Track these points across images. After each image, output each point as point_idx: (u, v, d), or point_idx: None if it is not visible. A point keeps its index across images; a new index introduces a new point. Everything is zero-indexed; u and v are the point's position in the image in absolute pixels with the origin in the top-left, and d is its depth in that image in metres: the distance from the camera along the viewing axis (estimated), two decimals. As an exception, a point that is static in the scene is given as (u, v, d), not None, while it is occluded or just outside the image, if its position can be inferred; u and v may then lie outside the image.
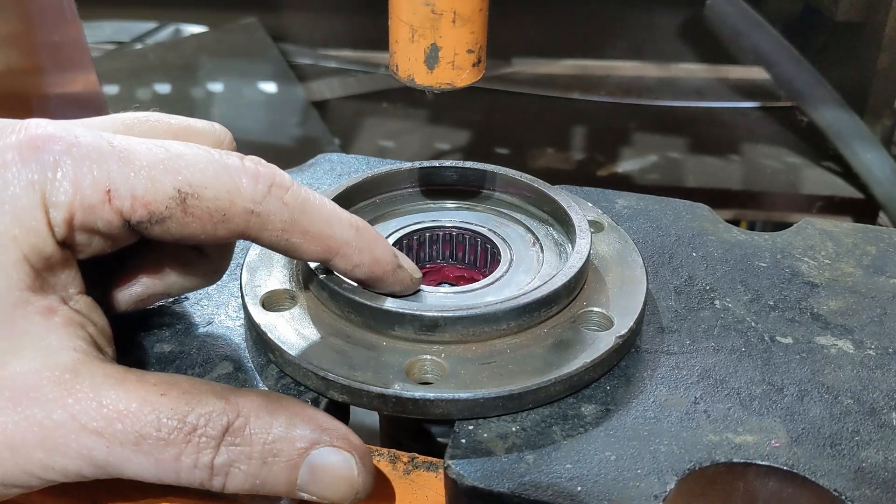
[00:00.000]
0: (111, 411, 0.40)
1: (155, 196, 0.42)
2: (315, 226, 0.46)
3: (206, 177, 0.43)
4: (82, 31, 0.96)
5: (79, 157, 0.41)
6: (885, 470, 0.46)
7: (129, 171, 0.42)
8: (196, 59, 1.76)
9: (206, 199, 0.43)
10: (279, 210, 0.44)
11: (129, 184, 0.42)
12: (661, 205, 0.70)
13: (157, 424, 0.41)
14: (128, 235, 0.44)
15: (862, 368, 0.53)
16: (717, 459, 0.46)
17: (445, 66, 0.50)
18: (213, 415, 0.42)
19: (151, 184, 0.42)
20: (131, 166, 0.42)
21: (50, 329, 0.41)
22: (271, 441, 0.42)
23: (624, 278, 0.57)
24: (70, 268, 0.43)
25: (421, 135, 1.62)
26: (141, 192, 0.42)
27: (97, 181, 0.41)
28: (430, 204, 0.65)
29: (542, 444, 0.47)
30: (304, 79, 1.71)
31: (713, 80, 1.73)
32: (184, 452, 0.41)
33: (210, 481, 0.42)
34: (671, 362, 0.53)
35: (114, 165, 0.41)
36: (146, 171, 0.42)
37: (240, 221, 0.44)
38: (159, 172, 0.42)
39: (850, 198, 1.44)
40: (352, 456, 0.44)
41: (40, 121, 0.43)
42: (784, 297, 0.60)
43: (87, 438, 0.40)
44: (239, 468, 0.42)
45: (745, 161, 1.54)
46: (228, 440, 0.42)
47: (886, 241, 0.66)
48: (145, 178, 0.42)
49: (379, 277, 0.50)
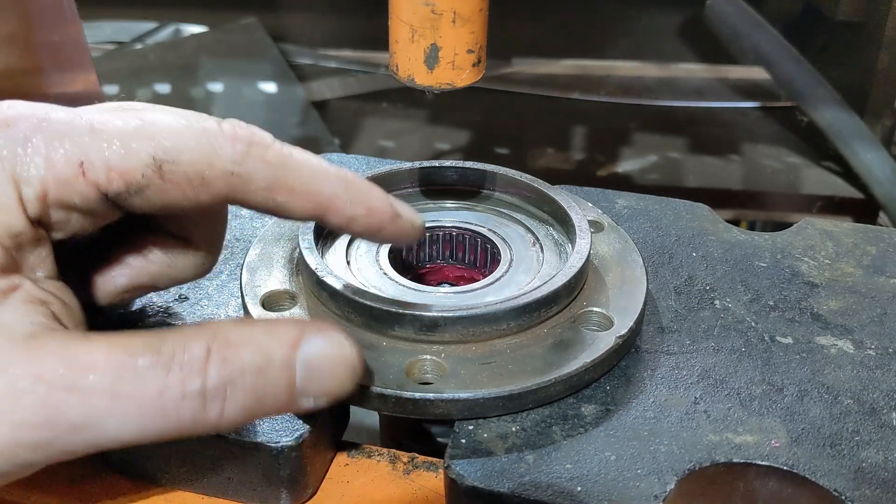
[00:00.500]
0: (80, 363, 0.37)
1: (130, 165, 0.41)
2: (300, 182, 0.44)
3: (182, 141, 0.42)
4: (82, 31, 0.96)
5: (49, 132, 0.40)
6: (885, 470, 0.46)
7: (102, 142, 0.40)
8: (196, 59, 1.76)
9: (183, 163, 0.41)
10: (261, 169, 0.43)
11: (102, 155, 0.40)
12: (661, 205, 0.70)
13: (130, 363, 0.37)
14: (107, 210, 0.42)
15: (862, 368, 0.53)
16: (717, 459, 0.46)
17: (445, 66, 0.50)
18: (189, 339, 0.39)
19: (126, 153, 0.41)
20: (103, 136, 0.41)
21: (7, 305, 0.39)
22: (260, 345, 0.39)
23: (624, 278, 0.57)
24: (41, 247, 0.42)
25: (421, 135, 1.62)
26: (116, 162, 0.40)
27: (69, 155, 0.40)
28: (430, 204, 0.65)
29: (542, 444, 0.47)
30: (304, 79, 1.71)
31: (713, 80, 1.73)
32: (167, 385, 0.37)
33: (205, 412, 0.38)
34: (671, 362, 0.53)
35: (86, 138, 0.40)
36: (119, 141, 0.41)
37: (221, 184, 0.42)
38: (133, 141, 0.41)
39: (850, 198, 1.44)
40: (339, 334, 0.42)
41: (12, 101, 0.42)
42: (784, 297, 0.60)
43: (58, 398, 0.36)
44: (235, 386, 0.39)
45: (745, 161, 1.54)
46: (215, 357, 0.38)
47: (886, 241, 0.66)
48: (119, 147, 0.41)
49: (377, 228, 0.47)
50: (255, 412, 0.40)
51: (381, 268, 0.58)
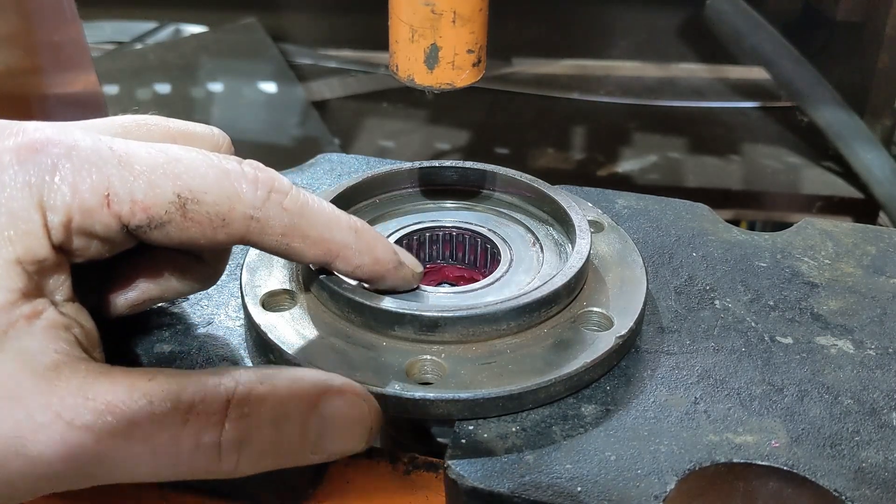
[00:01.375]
0: (98, 404, 0.38)
1: (154, 200, 0.41)
2: (315, 230, 0.46)
3: (206, 182, 0.43)
4: (82, 31, 0.96)
5: (78, 161, 0.41)
6: (885, 470, 0.46)
7: (129, 175, 0.41)
8: (196, 59, 1.76)
9: (206, 203, 0.42)
10: (279, 215, 0.44)
11: (128, 188, 0.41)
12: (661, 205, 0.70)
13: (149, 409, 0.38)
14: (126, 240, 0.43)
15: (862, 368, 0.53)
16: (717, 459, 0.46)
17: (445, 66, 0.50)
18: (209, 390, 0.39)
19: (151, 188, 0.41)
20: (130, 170, 0.41)
21: (32, 332, 0.40)
22: (280, 402, 0.40)
23: (624, 278, 0.57)
24: (62, 272, 0.42)
25: (421, 135, 1.62)
26: (140, 197, 0.41)
27: (96, 185, 0.41)
28: (430, 204, 0.65)
29: (542, 444, 0.47)
30: (304, 79, 1.71)
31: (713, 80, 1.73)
32: (182, 434, 0.38)
33: (219, 463, 0.39)
34: (671, 362, 0.53)
35: (113, 169, 0.41)
36: (146, 176, 0.41)
37: (240, 226, 0.44)
38: (159, 177, 0.42)
39: (850, 198, 1.44)
40: (358, 394, 0.43)
41: (39, 123, 0.42)
42: (784, 297, 0.60)
43: (75, 436, 0.37)
44: (251, 441, 0.40)
45: (745, 161, 1.54)
46: (234, 413, 0.39)
47: (886, 241, 0.66)
48: (145, 182, 0.41)
49: (381, 276, 0.50)
50: (268, 465, 0.41)
51: (381, 268, 0.58)
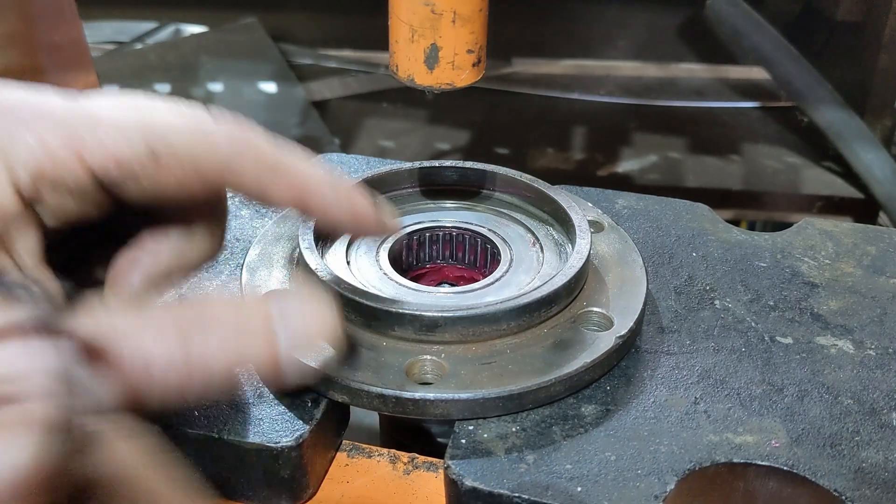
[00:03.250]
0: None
1: (126, 150, 0.40)
2: (289, 171, 0.45)
3: (177, 129, 0.42)
4: (82, 31, 0.96)
5: (48, 117, 0.40)
6: (885, 470, 0.46)
7: (99, 127, 0.40)
8: (196, 59, 1.76)
9: (177, 151, 0.41)
10: (253, 157, 0.43)
11: (98, 140, 0.40)
12: (661, 205, 0.70)
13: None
14: (100, 198, 0.42)
15: (862, 368, 0.53)
16: (717, 460, 0.46)
17: (445, 66, 0.50)
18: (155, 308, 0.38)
19: (121, 139, 0.40)
20: (100, 122, 0.41)
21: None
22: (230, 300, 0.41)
23: (624, 278, 0.57)
24: (31, 231, 0.41)
25: (421, 135, 1.62)
26: (112, 147, 0.40)
27: (66, 138, 0.40)
28: (430, 204, 0.65)
29: (542, 444, 0.47)
30: (304, 79, 1.71)
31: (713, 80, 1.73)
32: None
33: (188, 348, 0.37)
34: (671, 362, 0.53)
35: (83, 123, 0.40)
36: (116, 127, 0.41)
37: (214, 173, 0.42)
38: (130, 127, 0.41)
39: (850, 198, 1.44)
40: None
41: (8, 82, 0.41)
42: (784, 297, 0.60)
43: None
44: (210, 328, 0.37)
45: (745, 161, 1.54)
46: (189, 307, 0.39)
47: (886, 241, 0.66)
48: (115, 133, 0.40)
49: (357, 222, 0.48)
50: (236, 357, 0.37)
51: (381, 268, 0.58)
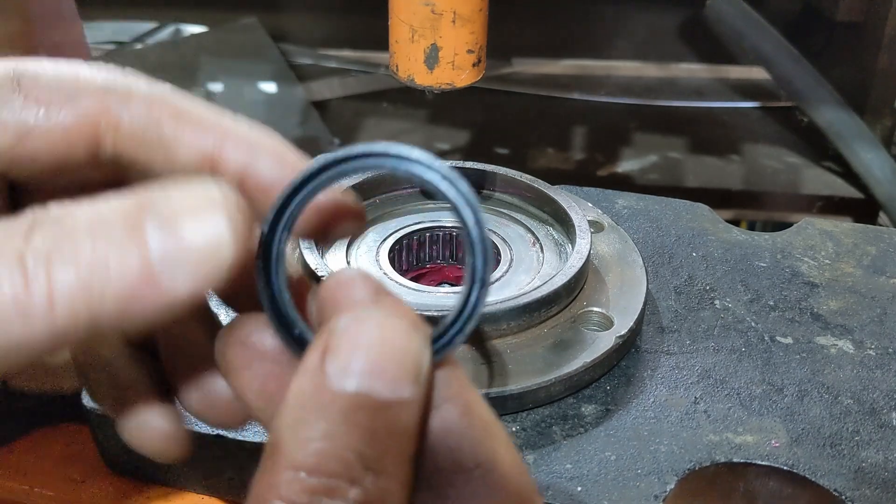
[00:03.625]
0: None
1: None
2: (193, 109, 0.35)
3: (44, 64, 0.35)
4: (82, 31, 0.96)
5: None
6: (885, 470, 0.46)
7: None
8: (196, 59, 1.75)
9: (44, 77, 0.34)
10: (142, 86, 0.35)
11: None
12: (661, 205, 0.70)
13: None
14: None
15: (862, 368, 0.53)
16: (717, 459, 0.46)
17: (445, 66, 0.50)
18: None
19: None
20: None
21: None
22: (97, 212, 0.29)
23: (624, 278, 0.57)
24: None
25: (421, 135, 1.62)
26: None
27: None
28: (430, 204, 0.65)
29: (542, 444, 0.47)
30: (304, 79, 1.71)
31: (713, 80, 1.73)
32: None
33: (28, 291, 0.28)
34: (671, 362, 0.53)
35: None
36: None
37: (92, 104, 0.34)
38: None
39: (850, 198, 1.44)
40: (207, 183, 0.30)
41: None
42: (784, 297, 0.60)
43: None
44: (63, 253, 0.28)
45: (745, 161, 1.54)
46: (40, 224, 0.29)
47: (886, 241, 0.66)
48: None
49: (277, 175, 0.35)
50: (100, 294, 0.28)
51: (381, 268, 0.58)
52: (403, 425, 0.29)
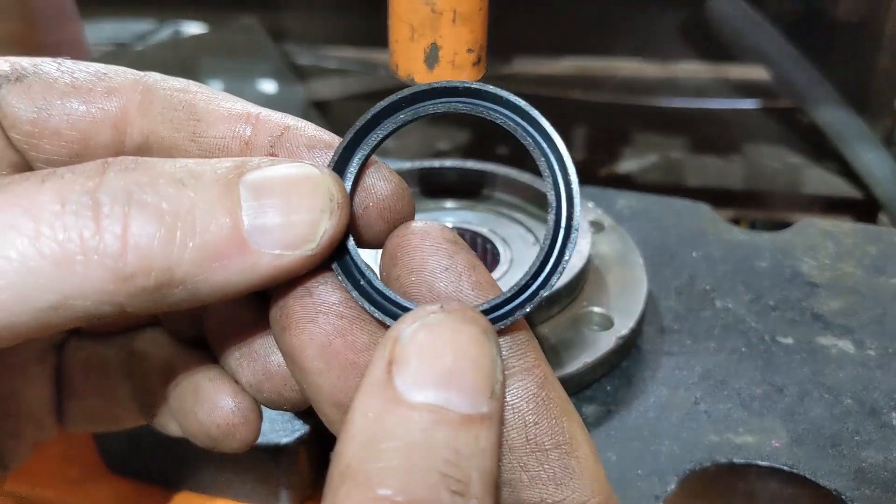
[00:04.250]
0: None
1: (25, 59, 0.33)
2: (221, 93, 0.34)
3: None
4: (82, 31, 0.96)
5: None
6: (886, 470, 0.46)
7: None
8: (196, 59, 1.75)
9: (85, 64, 0.34)
10: (168, 77, 0.35)
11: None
12: (662, 205, 0.70)
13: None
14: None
15: (862, 368, 0.53)
16: (718, 460, 0.46)
17: (445, 65, 0.49)
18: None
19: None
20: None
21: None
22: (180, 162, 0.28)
23: (625, 278, 0.57)
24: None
25: (421, 135, 1.62)
26: (12, 59, 0.33)
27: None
28: (430, 204, 0.65)
29: (542, 444, 0.47)
30: (304, 79, 1.71)
31: (714, 79, 1.73)
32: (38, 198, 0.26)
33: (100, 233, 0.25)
34: (672, 363, 0.53)
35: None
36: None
37: (123, 84, 0.33)
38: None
39: (850, 198, 1.44)
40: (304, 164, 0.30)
41: None
42: (785, 297, 0.59)
43: None
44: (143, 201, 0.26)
45: (746, 161, 1.54)
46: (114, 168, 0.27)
47: (886, 241, 0.66)
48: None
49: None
50: (181, 245, 0.26)
51: (381, 268, 0.58)
52: (484, 443, 0.26)
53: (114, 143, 0.33)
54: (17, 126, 0.33)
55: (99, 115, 0.33)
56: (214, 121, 0.33)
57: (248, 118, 0.33)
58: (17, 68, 0.33)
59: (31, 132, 0.33)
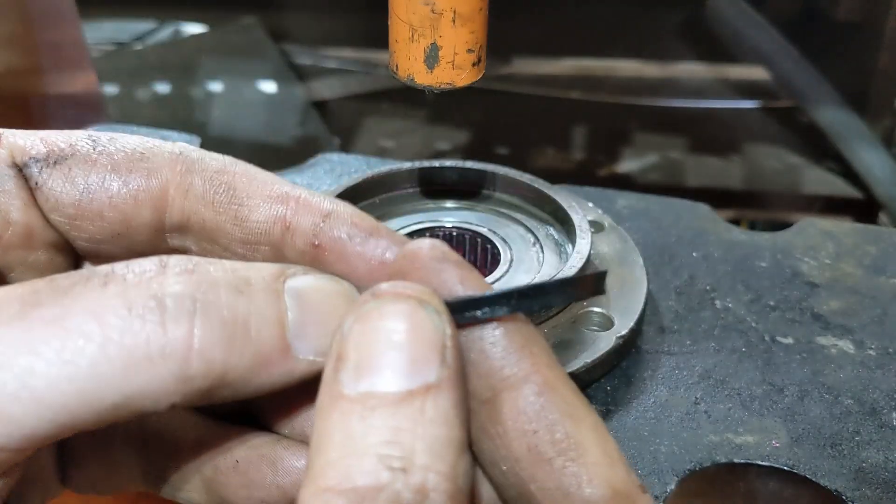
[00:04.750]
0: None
1: (58, 136, 0.35)
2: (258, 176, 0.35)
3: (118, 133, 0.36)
4: (82, 31, 0.96)
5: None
6: (886, 470, 0.46)
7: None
8: (196, 59, 1.75)
9: (119, 140, 0.35)
10: (213, 158, 0.36)
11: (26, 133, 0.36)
12: (662, 205, 0.70)
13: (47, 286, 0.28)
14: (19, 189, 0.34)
15: (862, 368, 0.53)
16: (718, 460, 0.46)
17: (445, 65, 0.49)
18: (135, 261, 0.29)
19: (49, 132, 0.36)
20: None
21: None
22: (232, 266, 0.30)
23: (624, 278, 0.57)
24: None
25: (421, 135, 1.62)
26: (42, 135, 0.35)
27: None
28: (430, 204, 0.65)
29: (542, 444, 0.47)
30: (304, 79, 1.71)
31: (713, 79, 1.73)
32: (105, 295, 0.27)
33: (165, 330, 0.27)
34: (672, 363, 0.53)
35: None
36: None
37: (165, 164, 0.35)
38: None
39: (850, 198, 1.44)
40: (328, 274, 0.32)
41: None
42: (784, 297, 0.59)
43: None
44: (206, 304, 0.28)
45: (745, 161, 1.54)
46: (175, 269, 0.29)
47: (886, 241, 0.66)
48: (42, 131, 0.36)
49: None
50: (239, 351, 0.28)
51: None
52: (432, 413, 0.27)
53: (154, 222, 0.35)
54: (60, 209, 0.35)
55: (141, 196, 0.35)
56: (255, 205, 0.34)
57: (288, 201, 0.34)
58: (54, 150, 0.35)
59: (75, 215, 0.35)
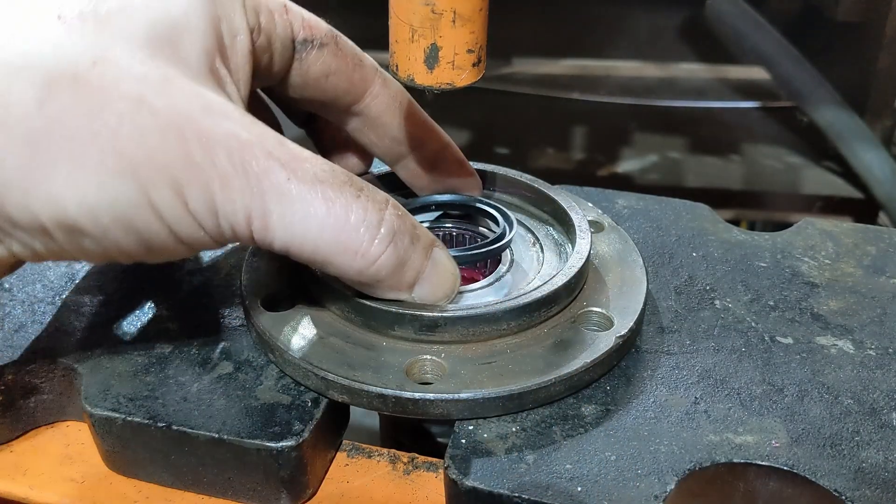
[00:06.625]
0: (293, 150, 0.43)
1: (318, 24, 0.52)
2: (416, 109, 0.60)
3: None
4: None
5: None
6: (886, 470, 0.46)
7: (296, 4, 0.52)
8: (196, 58, 1.75)
9: (349, 45, 0.54)
10: (395, 83, 0.57)
11: (298, 9, 0.51)
12: (662, 205, 0.70)
13: (331, 173, 0.43)
14: (287, 59, 0.51)
15: (862, 368, 0.53)
16: (718, 460, 0.46)
17: (445, 65, 0.49)
18: (371, 185, 0.45)
19: (313, 16, 0.53)
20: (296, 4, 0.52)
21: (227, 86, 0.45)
22: (415, 225, 0.48)
23: (624, 278, 0.57)
24: (243, 69, 0.47)
25: (421, 135, 1.61)
26: (308, 17, 0.52)
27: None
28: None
29: (542, 444, 0.47)
30: (305, 79, 1.71)
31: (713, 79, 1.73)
32: (354, 205, 0.43)
33: (370, 246, 0.44)
34: (671, 362, 0.53)
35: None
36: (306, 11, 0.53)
37: (371, 73, 0.55)
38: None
39: (850, 198, 1.44)
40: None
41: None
42: (784, 297, 0.60)
43: (272, 164, 0.41)
44: (398, 241, 0.45)
45: (745, 161, 1.54)
46: (393, 209, 0.45)
47: (886, 241, 0.66)
48: (308, 12, 0.52)
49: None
50: (394, 275, 0.47)
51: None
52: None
53: (347, 105, 0.56)
54: (306, 74, 0.53)
55: (352, 89, 0.55)
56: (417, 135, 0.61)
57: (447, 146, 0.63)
58: (317, 36, 0.52)
59: (318, 87, 0.54)
